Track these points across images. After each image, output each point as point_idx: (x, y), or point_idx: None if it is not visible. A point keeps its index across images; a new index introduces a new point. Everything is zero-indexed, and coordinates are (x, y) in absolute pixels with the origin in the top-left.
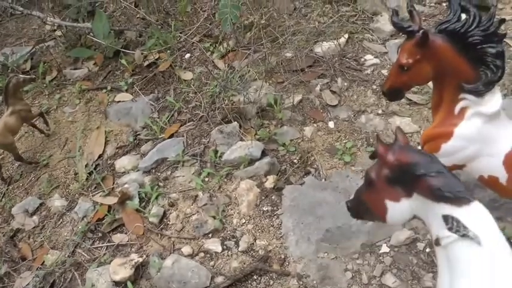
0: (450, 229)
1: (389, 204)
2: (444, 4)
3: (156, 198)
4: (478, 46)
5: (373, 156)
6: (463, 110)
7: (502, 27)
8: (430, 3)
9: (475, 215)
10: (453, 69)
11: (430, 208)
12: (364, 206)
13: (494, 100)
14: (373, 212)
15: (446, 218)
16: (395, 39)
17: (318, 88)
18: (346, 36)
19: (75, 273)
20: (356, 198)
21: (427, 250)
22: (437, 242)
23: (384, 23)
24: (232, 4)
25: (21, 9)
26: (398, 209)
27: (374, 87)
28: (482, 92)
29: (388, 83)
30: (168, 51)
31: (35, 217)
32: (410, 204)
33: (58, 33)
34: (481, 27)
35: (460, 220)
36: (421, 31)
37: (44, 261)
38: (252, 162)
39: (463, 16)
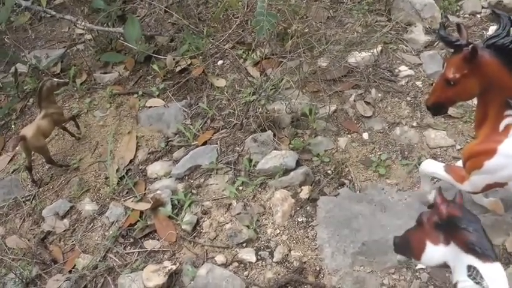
0: (469, 276)
1: (429, 245)
2: (478, 16)
3: (189, 205)
4: None
5: (430, 206)
6: (508, 127)
7: None
8: (464, 14)
9: (494, 272)
10: (500, 85)
11: (460, 257)
12: (408, 243)
13: None
14: (412, 249)
15: (469, 268)
16: (430, 50)
17: (352, 98)
18: (380, 46)
19: (108, 277)
20: (403, 236)
21: None
22: (455, 285)
23: (418, 34)
24: (268, 12)
25: (53, 13)
26: (435, 251)
27: (408, 98)
28: None
29: (433, 97)
30: (200, 57)
31: (65, 220)
32: (445, 250)
33: (88, 36)
34: None
35: (480, 272)
36: (470, 46)
37: (75, 265)
38: (286, 172)
39: None
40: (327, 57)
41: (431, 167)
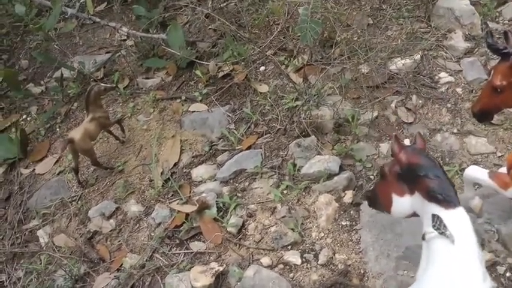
0: (433, 226)
1: (395, 198)
2: None
3: (235, 208)
4: None
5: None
6: None
7: None
8: (504, 21)
9: (457, 218)
10: None
11: (425, 206)
12: (376, 197)
13: None
14: (381, 203)
15: (433, 217)
16: (469, 57)
17: (393, 105)
18: (421, 53)
19: (156, 276)
20: (372, 189)
21: (508, 274)
22: (423, 237)
23: (458, 41)
24: (311, 19)
25: (98, 20)
26: (402, 203)
27: (449, 105)
28: None
29: (480, 104)
30: (243, 63)
31: (111, 220)
32: (411, 200)
33: (129, 42)
34: None
35: (443, 220)
36: None
37: (122, 264)
38: (330, 176)
39: None
40: (368, 64)
41: (476, 173)
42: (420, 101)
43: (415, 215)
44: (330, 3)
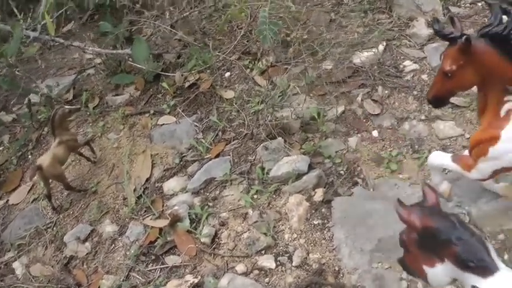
0: None
1: (427, 269)
2: (479, 4)
3: (207, 218)
4: None
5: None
6: (509, 112)
7: None
8: (465, 4)
9: (499, 285)
10: (497, 72)
11: (460, 276)
12: (408, 267)
13: None
14: (416, 272)
15: None
16: (433, 43)
17: (359, 98)
18: (384, 44)
19: None
20: (401, 261)
21: None
22: None
23: (420, 28)
24: (270, 21)
25: (62, 41)
26: (436, 274)
27: (415, 93)
28: None
29: (433, 90)
30: (208, 71)
31: (87, 243)
32: (444, 269)
33: (97, 60)
34: None
35: None
36: (463, 37)
37: (99, 286)
38: (299, 176)
39: (505, 18)
40: (331, 60)
41: (439, 158)
42: (386, 92)
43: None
44: (289, 2)
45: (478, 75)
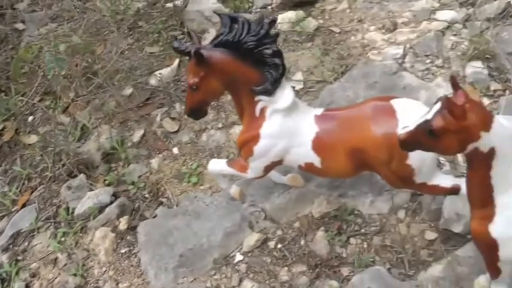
0: None
1: None
2: (270, 7)
3: (17, 273)
4: (255, 50)
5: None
6: (262, 110)
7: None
8: (256, 9)
9: None
10: (240, 77)
11: None
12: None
13: (285, 95)
14: None
15: None
16: None
17: (158, 118)
18: (178, 60)
19: None
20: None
21: (279, 246)
22: None
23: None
24: (56, 58)
25: None
26: None
27: (212, 103)
28: (272, 90)
29: (187, 105)
30: (12, 117)
31: None
32: None
33: None
34: (252, 33)
35: None
36: (193, 50)
37: None
38: (102, 209)
39: (236, 26)
40: (130, 86)
41: (217, 165)
42: (183, 107)
43: None
44: (77, 35)
45: (223, 83)
